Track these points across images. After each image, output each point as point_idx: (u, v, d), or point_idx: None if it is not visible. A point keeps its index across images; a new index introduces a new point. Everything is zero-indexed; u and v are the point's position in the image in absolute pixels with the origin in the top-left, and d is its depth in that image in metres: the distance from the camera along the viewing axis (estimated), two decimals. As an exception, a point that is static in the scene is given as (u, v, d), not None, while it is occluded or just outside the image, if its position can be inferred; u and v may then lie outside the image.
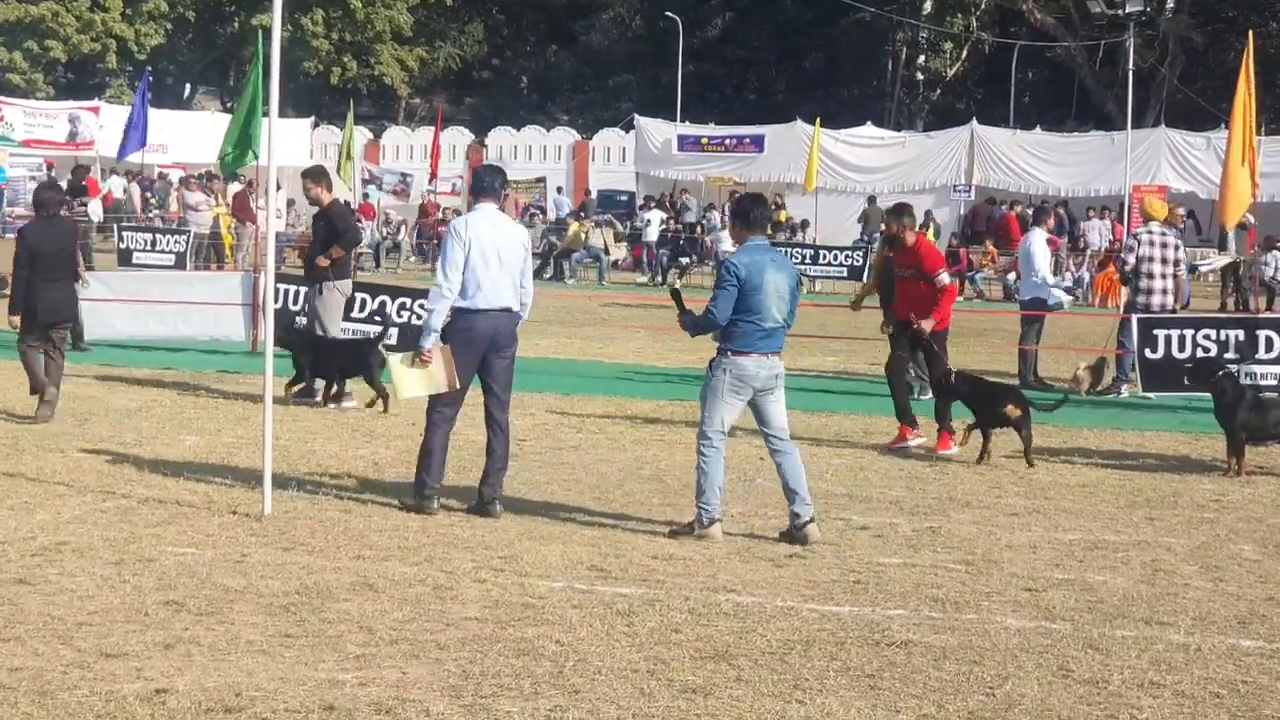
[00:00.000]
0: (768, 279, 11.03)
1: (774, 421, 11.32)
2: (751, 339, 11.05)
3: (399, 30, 73.59)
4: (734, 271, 11.01)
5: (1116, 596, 9.70)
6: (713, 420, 11.14)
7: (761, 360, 11.11)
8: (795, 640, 8.51)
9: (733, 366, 11.06)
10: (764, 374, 11.14)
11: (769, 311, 11.05)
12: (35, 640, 8.11)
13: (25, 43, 63.77)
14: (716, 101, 74.82)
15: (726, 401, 11.12)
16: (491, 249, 11.64)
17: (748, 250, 11.22)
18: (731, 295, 10.97)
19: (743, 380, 11.08)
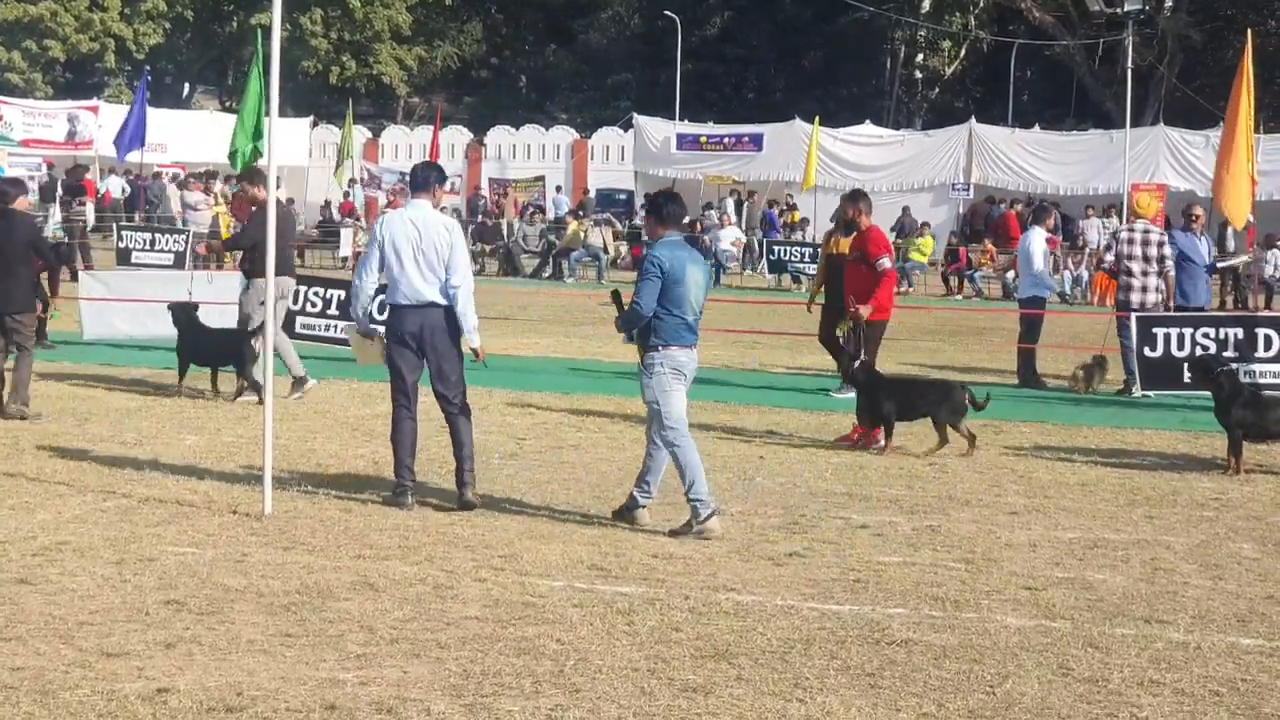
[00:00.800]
0: (689, 273, 11.26)
1: (674, 412, 11.40)
2: (679, 331, 11.25)
3: (398, 29, 73.59)
4: (658, 264, 11.18)
5: (1116, 595, 9.71)
6: (671, 413, 11.25)
7: (689, 352, 11.35)
8: (795, 639, 8.51)
9: (667, 359, 11.23)
10: (692, 365, 11.40)
11: (691, 304, 11.27)
12: (37, 640, 8.12)
13: (24, 42, 63.75)
14: (715, 100, 74.83)
15: (674, 390, 11.27)
16: (408, 246, 11.76)
17: (667, 245, 11.38)
18: (656, 287, 11.15)
19: (680, 369, 11.27)
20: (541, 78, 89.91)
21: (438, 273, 11.78)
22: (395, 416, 12.02)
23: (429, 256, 11.75)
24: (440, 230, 11.89)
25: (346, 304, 20.83)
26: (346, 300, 20.94)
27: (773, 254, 41.83)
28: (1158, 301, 19.76)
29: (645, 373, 11.34)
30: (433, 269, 11.76)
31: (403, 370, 11.92)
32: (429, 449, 13.08)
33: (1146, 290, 19.68)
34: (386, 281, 12.01)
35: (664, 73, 71.87)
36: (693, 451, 11.25)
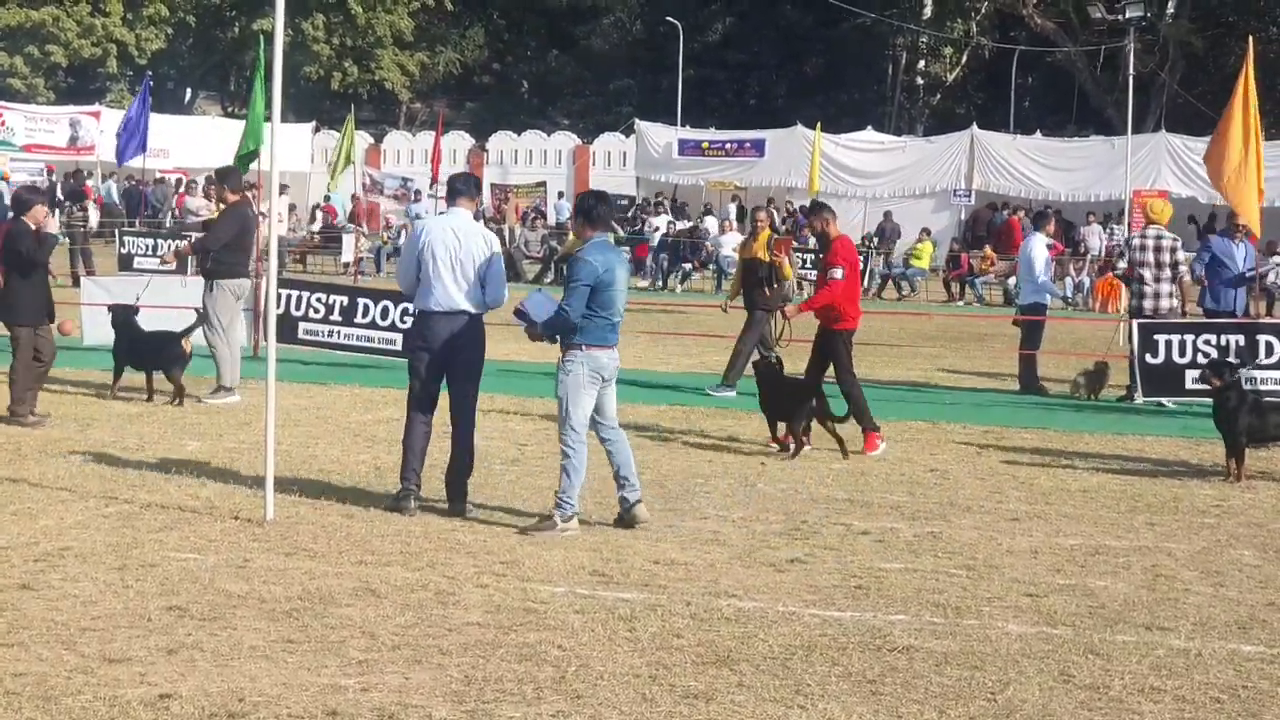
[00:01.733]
0: (618, 275, 11.41)
1: (607, 410, 11.62)
2: (603, 332, 11.38)
3: (400, 35, 73.66)
4: (591, 269, 11.25)
5: (1117, 602, 9.72)
6: (576, 415, 11.36)
7: (611, 352, 11.48)
8: (797, 645, 8.52)
9: (588, 360, 11.34)
10: (613, 365, 11.53)
11: (618, 306, 11.42)
12: (39, 645, 8.13)
13: (26, 47, 63.78)
14: (717, 106, 74.86)
15: (587, 394, 11.37)
16: (446, 253, 11.80)
17: (598, 248, 11.46)
18: (586, 293, 11.24)
19: (597, 372, 11.38)
20: (543, 83, 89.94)
21: (472, 282, 11.80)
22: (409, 420, 12.08)
23: (465, 266, 11.79)
24: (480, 241, 11.96)
25: (349, 310, 20.94)
26: (349, 306, 21.04)
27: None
28: (1172, 308, 19.77)
29: (562, 370, 11.40)
30: (467, 278, 11.80)
31: (425, 375, 11.95)
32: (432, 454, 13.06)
33: (1160, 296, 19.69)
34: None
35: (666, 78, 71.92)
36: (581, 461, 11.35)
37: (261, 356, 17.03)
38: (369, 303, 21.19)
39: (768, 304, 19.23)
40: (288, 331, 20.38)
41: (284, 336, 19.11)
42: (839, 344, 15.89)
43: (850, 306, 15.89)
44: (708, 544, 11.08)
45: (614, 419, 11.70)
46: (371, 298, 21.47)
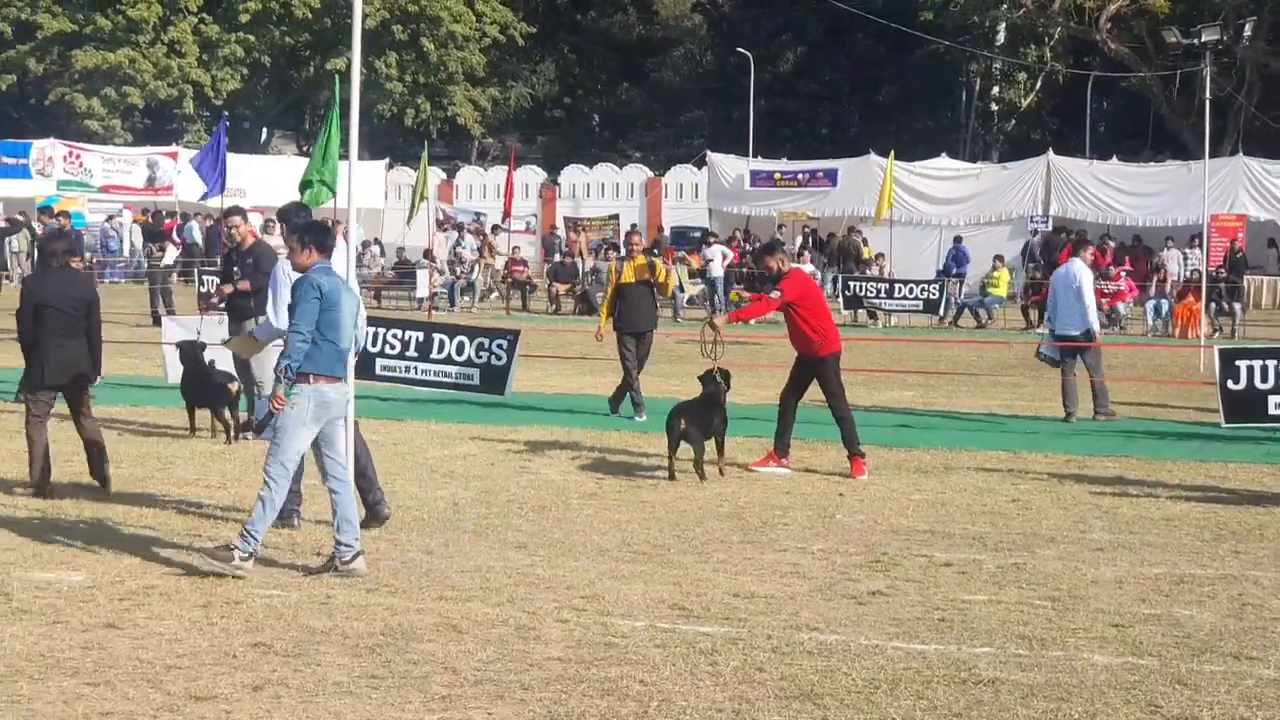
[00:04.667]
0: (344, 299, 10.98)
1: (336, 446, 11.20)
2: (332, 361, 10.90)
3: (472, 71, 74.00)
4: (316, 284, 10.84)
5: (1204, 631, 9.61)
6: (289, 450, 10.86)
7: (340, 386, 11.04)
8: (881, 679, 8.47)
9: (315, 395, 10.83)
10: (343, 400, 11.12)
11: (347, 332, 10.99)
12: (125, 684, 8.18)
13: (103, 89, 64.44)
14: (789, 136, 74.77)
15: (307, 429, 10.90)
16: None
17: (325, 271, 11.07)
18: (315, 308, 10.76)
19: (325, 406, 10.92)
20: (614, 116, 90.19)
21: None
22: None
23: None
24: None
25: (424, 346, 21.02)
26: (424, 342, 21.13)
27: (848, 290, 41.73)
28: None
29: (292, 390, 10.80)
30: None
31: None
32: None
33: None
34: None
35: (737, 109, 71.91)
36: (280, 498, 10.88)
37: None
38: (444, 338, 21.28)
39: (640, 324, 19.89)
40: (365, 367, 20.46)
41: (361, 373, 19.18)
42: (829, 370, 16.01)
43: (828, 331, 16.07)
44: (787, 576, 11.04)
45: (343, 454, 11.24)
46: (447, 333, 21.56)
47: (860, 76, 78.45)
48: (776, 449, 16.01)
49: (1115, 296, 38.98)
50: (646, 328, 19.98)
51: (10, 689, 8.06)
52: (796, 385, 16.22)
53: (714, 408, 15.63)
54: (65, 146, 54.51)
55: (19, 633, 9.15)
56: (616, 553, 11.77)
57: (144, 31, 65.42)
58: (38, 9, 64.54)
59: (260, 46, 68.78)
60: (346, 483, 11.21)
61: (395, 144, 73.96)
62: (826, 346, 15.96)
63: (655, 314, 20.32)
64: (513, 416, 19.50)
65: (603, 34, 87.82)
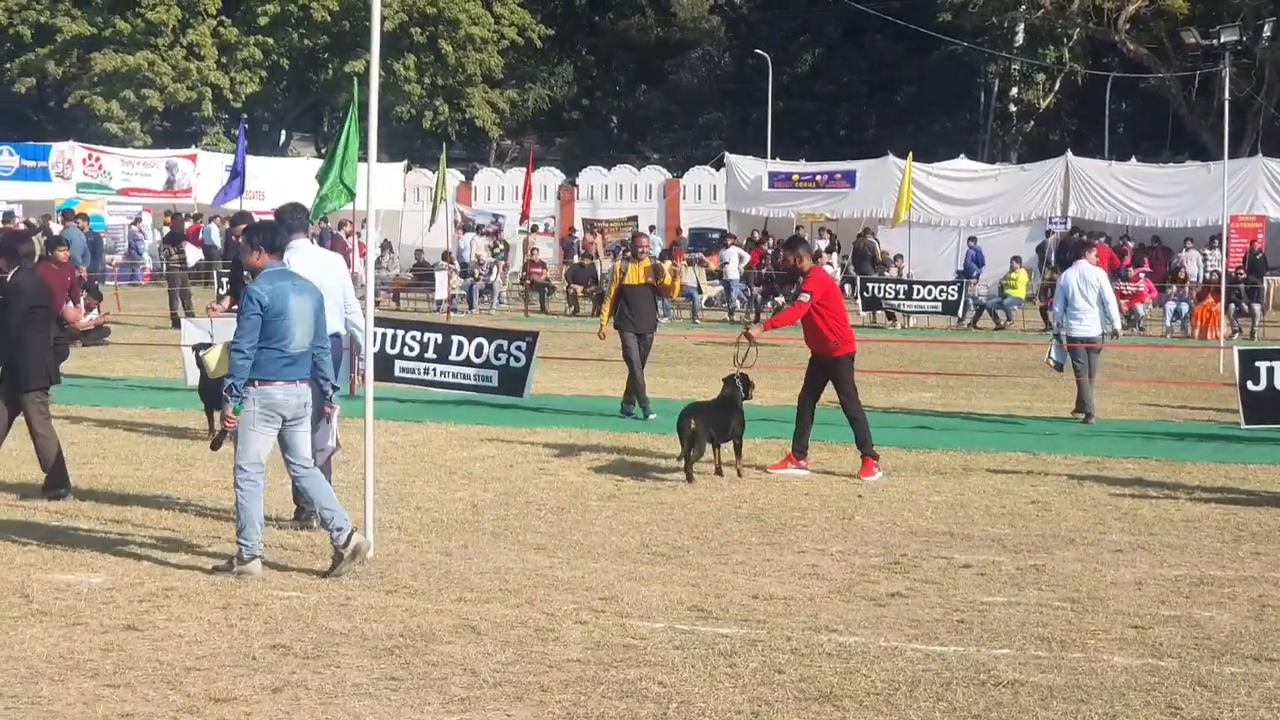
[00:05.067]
0: (291, 304, 10.98)
1: (297, 450, 11.22)
2: (276, 366, 10.93)
3: (490, 73, 74.01)
4: (257, 299, 10.90)
5: (1224, 633, 9.59)
6: (247, 453, 10.99)
7: (290, 388, 11.02)
8: (900, 681, 8.46)
9: (261, 396, 10.91)
10: (294, 402, 11.07)
11: (294, 338, 10.99)
12: (145, 686, 8.20)
13: (122, 92, 64.55)
14: (807, 138, 74.69)
15: (259, 432, 10.98)
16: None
17: (269, 276, 11.13)
18: (256, 324, 10.86)
19: (272, 409, 10.96)
20: (632, 118, 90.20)
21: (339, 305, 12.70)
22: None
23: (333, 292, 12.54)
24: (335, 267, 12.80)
25: (443, 348, 21.05)
26: (443, 344, 21.16)
27: (867, 291, 41.70)
28: None
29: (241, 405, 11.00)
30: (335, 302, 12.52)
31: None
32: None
33: None
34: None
35: (755, 111, 71.85)
36: (255, 499, 10.95)
37: (359, 395, 17.15)
38: (463, 340, 21.30)
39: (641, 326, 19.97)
40: (384, 369, 20.50)
41: (380, 375, 19.22)
42: (844, 370, 16.06)
43: (844, 331, 16.14)
44: (806, 578, 11.04)
45: (306, 460, 11.24)
46: (466, 335, 21.59)
47: (878, 77, 78.36)
48: (795, 451, 16.02)
49: (1134, 298, 38.92)
50: (647, 329, 20.04)
51: (31, 690, 8.09)
52: (813, 387, 16.24)
53: (730, 409, 15.64)
54: (84, 149, 54.65)
55: (39, 634, 9.17)
56: (635, 554, 11.77)
57: (163, 34, 65.55)
58: (57, 12, 64.73)
59: (279, 49, 68.86)
60: (312, 474, 11.30)
61: (414, 146, 74.02)
62: (843, 347, 16.00)
63: (656, 317, 20.34)
64: (531, 418, 19.51)
65: (621, 36, 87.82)
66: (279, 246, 11.45)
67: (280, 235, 11.61)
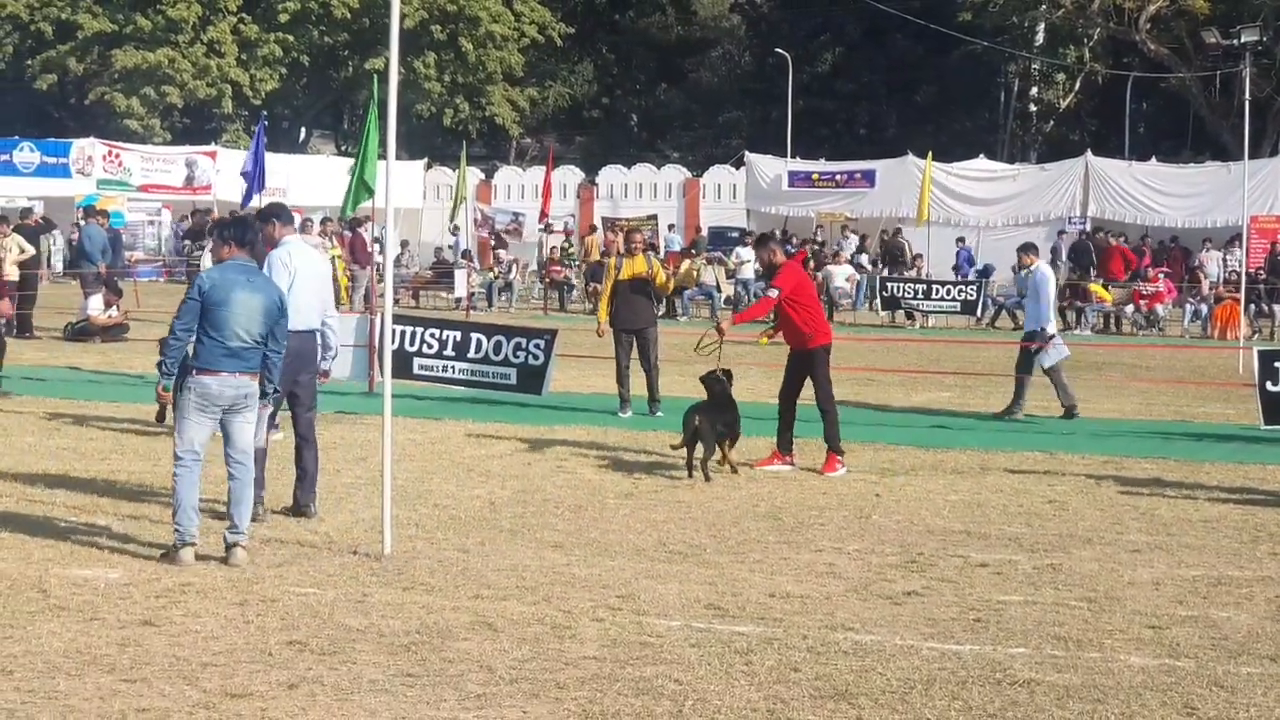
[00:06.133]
0: (235, 297, 11.09)
1: (236, 442, 11.35)
2: (214, 356, 11.08)
3: (510, 71, 74.04)
4: (198, 285, 11.14)
5: (1241, 633, 9.57)
6: (182, 440, 11.19)
7: (226, 379, 11.13)
8: (916, 679, 8.46)
9: (196, 385, 11.10)
10: (229, 392, 11.17)
11: (233, 330, 11.09)
12: (161, 681, 8.22)
13: (142, 89, 64.68)
14: (827, 137, 74.69)
15: (194, 420, 11.15)
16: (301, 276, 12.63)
17: (222, 267, 11.32)
18: (192, 308, 11.05)
19: (207, 399, 11.11)
20: (652, 117, 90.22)
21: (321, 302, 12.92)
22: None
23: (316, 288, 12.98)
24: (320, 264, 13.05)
25: (462, 345, 21.08)
26: (462, 341, 21.18)
27: (886, 290, 41.65)
28: None
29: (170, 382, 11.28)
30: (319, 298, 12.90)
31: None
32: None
33: None
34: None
35: (775, 110, 71.87)
36: (187, 485, 11.11)
37: (377, 392, 17.17)
38: (482, 337, 21.32)
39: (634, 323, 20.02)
40: (402, 367, 20.52)
41: (399, 372, 19.24)
42: (819, 362, 16.16)
43: (818, 324, 16.26)
44: (823, 576, 11.04)
45: (243, 453, 11.36)
46: (485, 332, 21.60)
47: (898, 77, 78.30)
48: (780, 447, 16.13)
49: (1153, 298, 38.84)
50: (642, 325, 19.97)
51: (48, 685, 8.11)
52: (793, 383, 16.33)
53: (730, 407, 15.68)
54: (105, 146, 54.70)
55: (56, 629, 9.20)
56: (652, 552, 11.78)
57: (183, 31, 65.69)
58: (78, 9, 64.88)
59: (299, 46, 68.97)
60: (245, 469, 11.40)
61: (434, 144, 74.10)
62: (817, 339, 16.16)
63: (653, 313, 20.33)
64: (549, 416, 19.52)
65: (641, 34, 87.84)
66: (249, 241, 11.61)
67: (250, 231, 11.76)
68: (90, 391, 21.17)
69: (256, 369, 11.33)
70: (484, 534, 12.31)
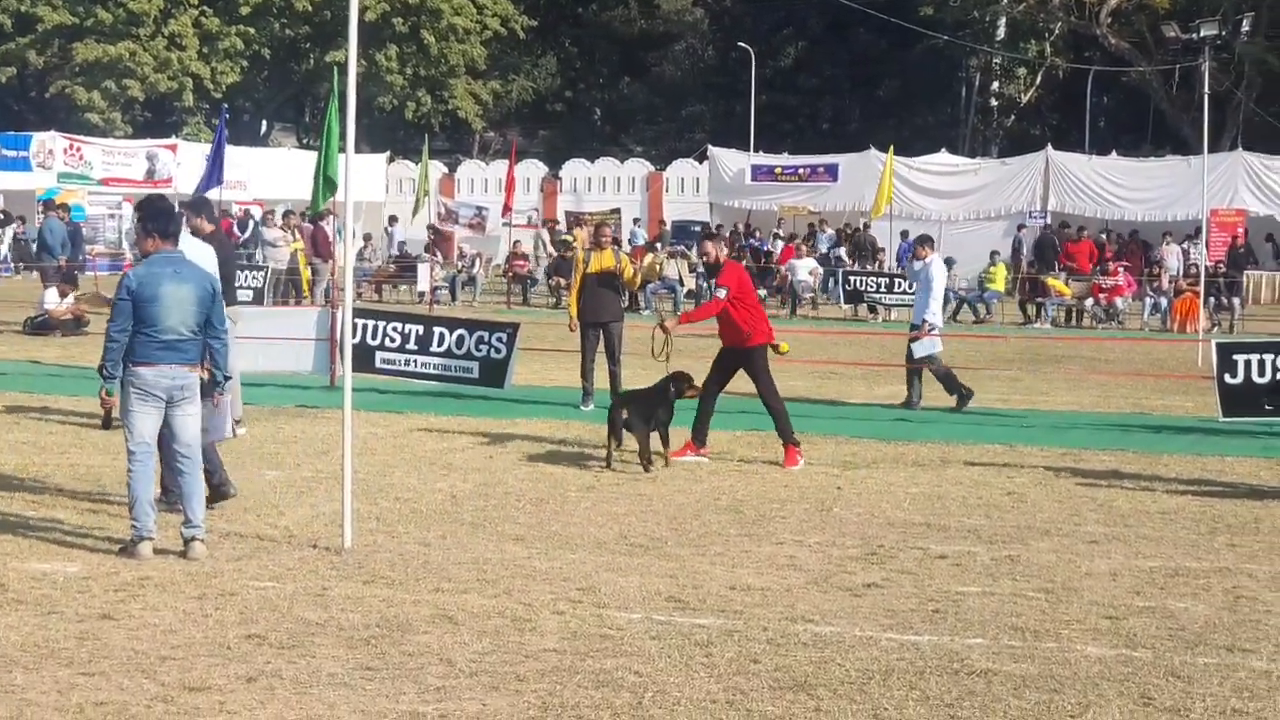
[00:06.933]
0: (164, 291, 11.11)
1: (180, 436, 11.35)
2: (148, 350, 11.10)
3: (473, 64, 73.97)
4: (125, 285, 11.14)
5: (1198, 624, 9.63)
6: (132, 434, 11.21)
7: (163, 369, 11.15)
8: (874, 670, 8.49)
9: (133, 377, 11.12)
10: (165, 383, 11.17)
11: (166, 323, 11.11)
12: (119, 675, 8.20)
13: (103, 82, 64.47)
14: (790, 131, 74.85)
15: (138, 411, 11.18)
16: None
17: (148, 262, 11.34)
18: (124, 309, 11.06)
19: (145, 389, 11.13)
20: (616, 111, 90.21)
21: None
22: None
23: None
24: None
25: (424, 339, 21.07)
26: (424, 335, 21.17)
27: (849, 284, 41.73)
28: None
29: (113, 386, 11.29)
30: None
31: None
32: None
33: None
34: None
35: (738, 104, 72.00)
36: (140, 479, 11.14)
37: (339, 386, 17.13)
38: (444, 331, 21.30)
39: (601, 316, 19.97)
40: (364, 361, 20.49)
41: (360, 366, 19.21)
42: (759, 361, 16.20)
43: (758, 323, 16.27)
44: (784, 569, 11.06)
45: (187, 446, 11.36)
46: (447, 326, 21.58)
47: (861, 71, 78.50)
48: (694, 438, 16.23)
49: (1113, 292, 39.01)
50: (609, 319, 19.95)
51: (5, 679, 8.08)
52: (720, 377, 16.38)
53: (658, 399, 15.75)
54: (65, 139, 54.51)
55: (14, 623, 9.16)
56: (613, 545, 11.79)
57: (144, 24, 65.46)
58: (38, 2, 64.66)
59: (260, 39, 68.80)
60: (192, 464, 11.37)
61: (396, 137, 74.03)
62: (756, 338, 16.18)
63: (619, 307, 20.32)
64: (512, 410, 19.51)
65: (604, 27, 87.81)
66: (172, 233, 11.57)
67: (175, 223, 11.72)
68: (50, 385, 21.08)
69: (195, 361, 11.33)
70: (445, 527, 12.30)
